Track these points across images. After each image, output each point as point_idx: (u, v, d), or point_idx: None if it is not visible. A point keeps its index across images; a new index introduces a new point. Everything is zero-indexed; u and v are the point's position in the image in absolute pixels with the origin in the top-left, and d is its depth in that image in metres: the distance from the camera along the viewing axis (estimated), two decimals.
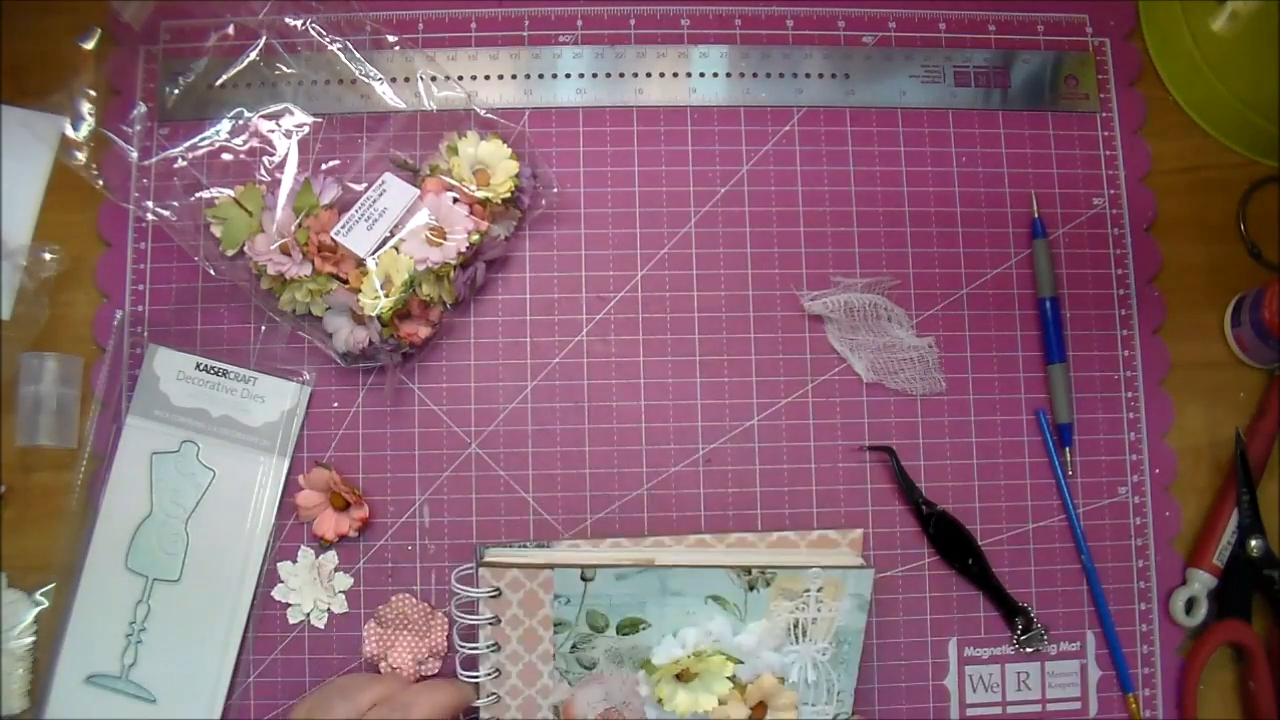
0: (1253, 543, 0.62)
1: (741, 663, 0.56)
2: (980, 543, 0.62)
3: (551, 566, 0.56)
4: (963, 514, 0.63)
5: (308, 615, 0.61)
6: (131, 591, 0.60)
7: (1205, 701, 0.63)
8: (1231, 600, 0.62)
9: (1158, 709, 0.62)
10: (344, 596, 0.61)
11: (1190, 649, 0.63)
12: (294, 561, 0.61)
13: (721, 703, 0.56)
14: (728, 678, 0.56)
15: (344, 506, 0.61)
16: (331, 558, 0.61)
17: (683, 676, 0.56)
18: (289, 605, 0.61)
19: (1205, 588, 0.62)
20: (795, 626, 0.57)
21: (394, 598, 0.61)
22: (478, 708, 0.58)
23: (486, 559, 0.57)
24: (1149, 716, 0.62)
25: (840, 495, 0.62)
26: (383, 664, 0.60)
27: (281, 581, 0.61)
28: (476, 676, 0.58)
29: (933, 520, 0.62)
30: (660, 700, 0.56)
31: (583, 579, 0.56)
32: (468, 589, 0.57)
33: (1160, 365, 0.65)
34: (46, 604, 0.60)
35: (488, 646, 0.57)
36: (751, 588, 0.56)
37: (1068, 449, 0.64)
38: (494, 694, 0.58)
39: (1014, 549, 0.63)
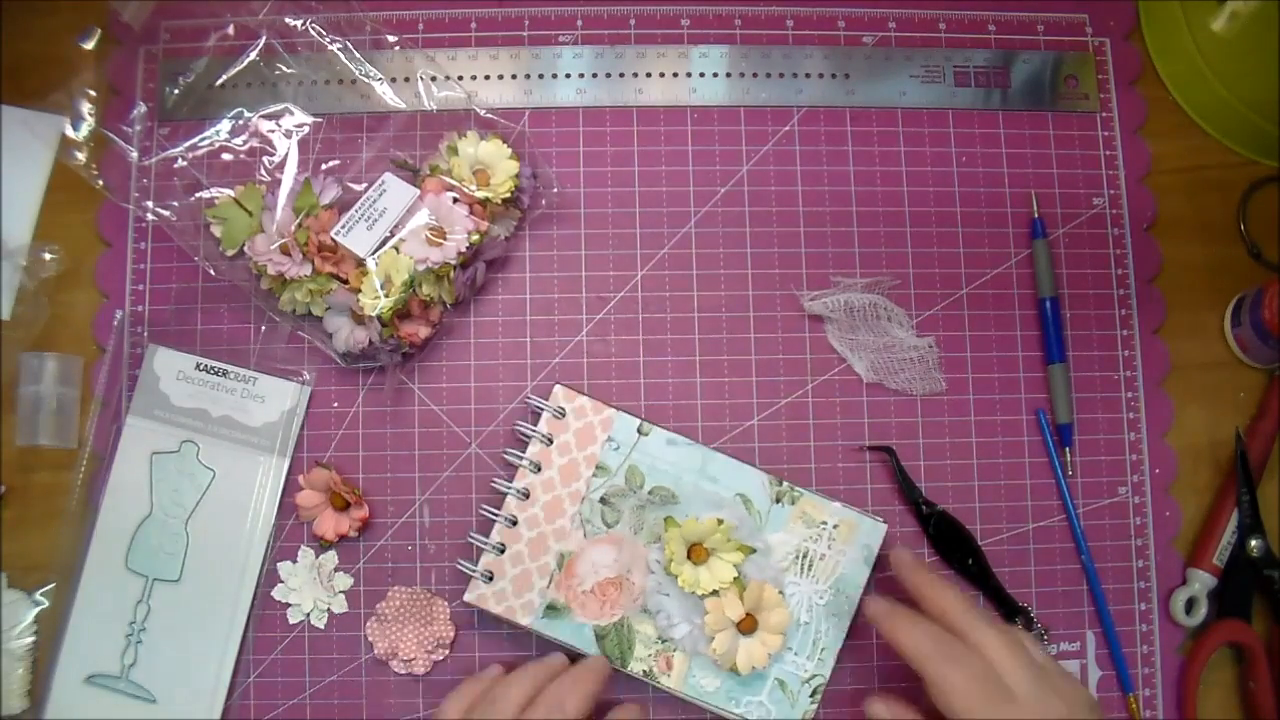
0: (1253, 543, 0.62)
1: (755, 550, 0.59)
2: (980, 543, 0.62)
3: (618, 408, 0.61)
4: (963, 514, 0.63)
5: (308, 615, 0.61)
6: (131, 591, 0.60)
7: (1205, 701, 0.63)
8: (1231, 600, 0.62)
9: (1158, 709, 0.62)
10: (344, 596, 0.61)
11: (1190, 649, 0.63)
12: (294, 561, 0.61)
13: (719, 593, 0.58)
14: (734, 566, 0.58)
15: (344, 506, 0.61)
16: (331, 558, 0.61)
17: (694, 554, 0.58)
18: (289, 605, 0.61)
19: (1205, 588, 0.62)
20: (804, 557, 0.59)
21: (390, 592, 0.61)
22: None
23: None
24: (1149, 716, 0.62)
25: (840, 495, 0.62)
26: (394, 660, 0.60)
27: (281, 581, 0.61)
28: (509, 487, 0.60)
29: (933, 520, 0.62)
30: (670, 559, 0.58)
31: (639, 432, 0.61)
32: (539, 400, 0.61)
33: (1160, 365, 0.65)
34: (46, 604, 0.60)
35: (531, 464, 0.60)
36: (778, 500, 0.60)
37: (1068, 449, 0.64)
38: (513, 518, 0.59)
39: (1014, 549, 0.63)
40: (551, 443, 0.60)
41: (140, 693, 0.59)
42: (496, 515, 0.59)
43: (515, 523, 0.59)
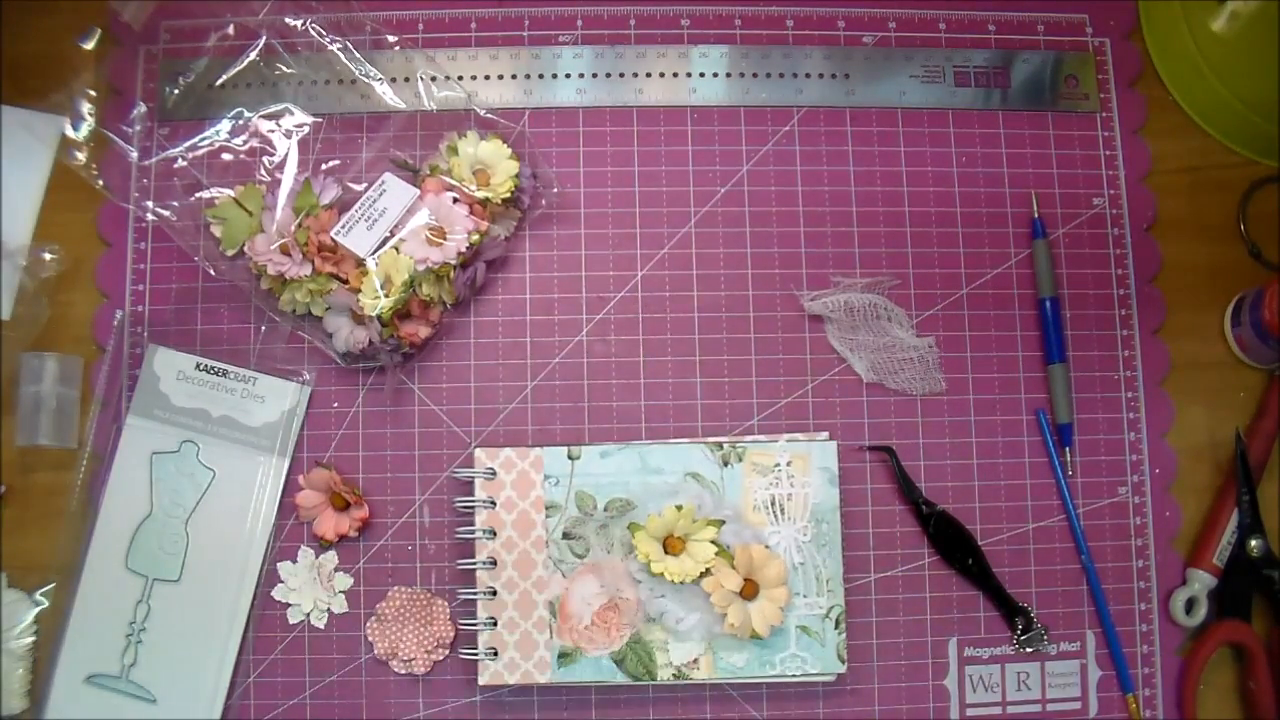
0: (1253, 543, 0.62)
1: (724, 522, 0.58)
2: (980, 543, 0.62)
3: (541, 446, 0.61)
4: (963, 514, 0.63)
5: (308, 615, 0.61)
6: (131, 591, 0.60)
7: (1205, 701, 0.63)
8: (1231, 600, 0.62)
9: (1158, 709, 0.62)
10: (344, 596, 0.61)
11: (1190, 649, 0.63)
12: (294, 561, 0.61)
13: (710, 572, 0.58)
14: (712, 541, 0.58)
15: (344, 506, 0.61)
16: (331, 558, 0.61)
17: (670, 548, 0.58)
18: (289, 605, 0.61)
19: (1205, 588, 0.62)
20: (772, 504, 0.60)
21: (390, 592, 0.61)
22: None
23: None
24: (1149, 716, 0.62)
25: (841, 495, 0.62)
26: (394, 660, 0.60)
27: (281, 581, 0.61)
28: (474, 564, 0.59)
29: (933, 520, 0.62)
30: (648, 561, 0.58)
31: (570, 458, 0.60)
32: (465, 470, 0.60)
33: (1160, 365, 0.65)
34: (46, 604, 0.60)
35: (484, 532, 0.59)
36: (725, 463, 0.60)
37: (1068, 449, 0.64)
38: (491, 589, 0.59)
39: (1014, 549, 0.63)
40: (495, 505, 0.60)
41: (140, 693, 0.59)
42: (476, 594, 0.59)
43: (495, 593, 0.59)
